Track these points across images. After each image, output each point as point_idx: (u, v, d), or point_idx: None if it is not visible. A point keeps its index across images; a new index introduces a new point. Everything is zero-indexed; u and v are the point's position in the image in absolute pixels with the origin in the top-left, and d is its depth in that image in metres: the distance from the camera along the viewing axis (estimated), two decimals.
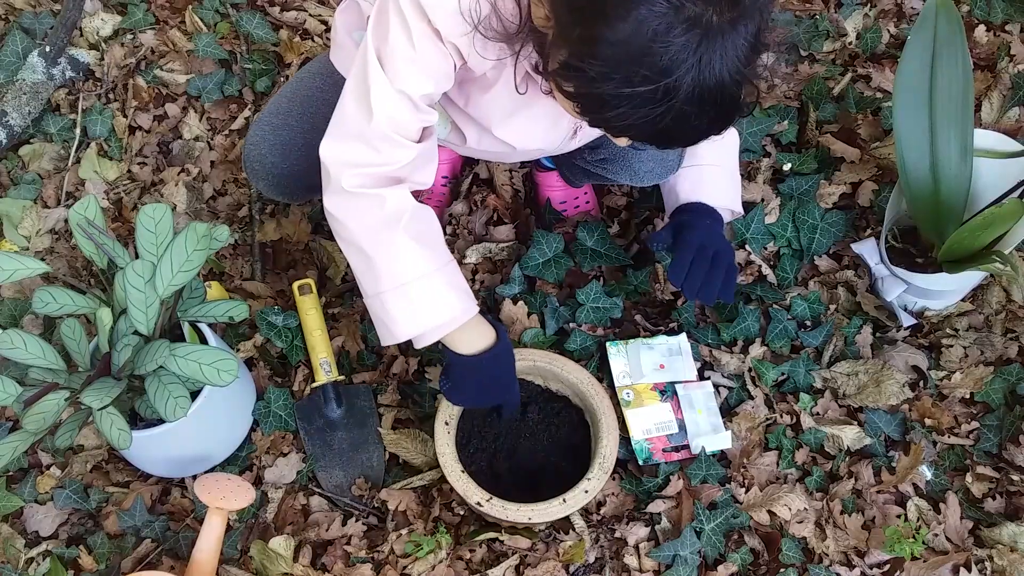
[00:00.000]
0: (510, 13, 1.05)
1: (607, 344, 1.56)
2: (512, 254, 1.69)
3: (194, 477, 1.48)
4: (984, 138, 1.52)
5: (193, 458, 1.44)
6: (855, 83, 1.89)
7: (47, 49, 1.80)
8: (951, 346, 1.58)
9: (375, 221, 1.16)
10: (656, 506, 1.45)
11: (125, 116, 1.84)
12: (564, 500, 1.32)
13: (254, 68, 1.88)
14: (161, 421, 1.34)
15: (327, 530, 1.45)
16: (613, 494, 1.49)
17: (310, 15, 1.97)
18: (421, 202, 1.64)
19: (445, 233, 1.72)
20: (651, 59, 0.89)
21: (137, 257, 1.25)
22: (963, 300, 1.62)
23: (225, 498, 1.32)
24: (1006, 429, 1.52)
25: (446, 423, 1.38)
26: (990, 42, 1.90)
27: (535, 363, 1.44)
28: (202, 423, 1.37)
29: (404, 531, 1.44)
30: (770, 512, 1.45)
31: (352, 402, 1.55)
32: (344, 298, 1.66)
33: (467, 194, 1.77)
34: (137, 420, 1.37)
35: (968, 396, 1.55)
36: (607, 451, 1.36)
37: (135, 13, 1.97)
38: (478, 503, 1.32)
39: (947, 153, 1.50)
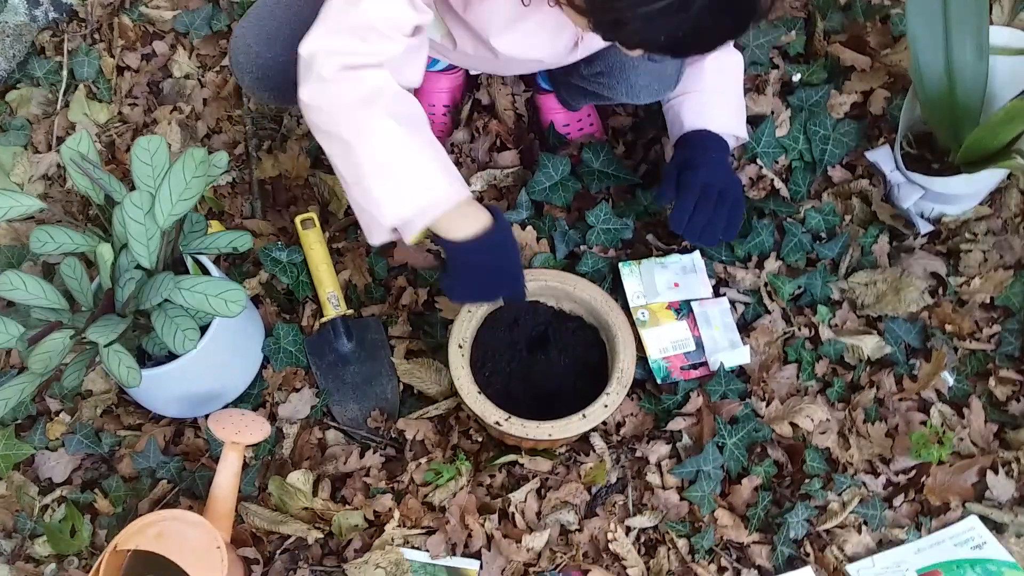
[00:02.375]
0: None
1: (619, 265, 1.53)
2: (518, 180, 1.65)
3: (207, 416, 1.45)
4: (998, 35, 1.47)
5: (205, 396, 1.42)
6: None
7: None
8: (970, 251, 1.55)
9: (354, 100, 1.08)
10: (676, 423, 1.43)
11: (112, 56, 1.79)
12: (584, 416, 1.30)
13: (243, 0, 1.82)
14: (170, 358, 1.31)
15: (345, 463, 1.43)
16: (632, 414, 1.47)
17: None
18: None
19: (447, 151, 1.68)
20: None
21: (134, 190, 1.22)
22: (981, 204, 1.58)
23: (240, 433, 1.30)
24: None
25: (459, 346, 1.35)
26: None
27: (546, 283, 1.40)
28: (212, 359, 1.34)
29: (423, 460, 1.42)
30: (792, 424, 1.43)
31: (363, 335, 1.52)
32: (348, 232, 1.62)
33: (468, 121, 1.73)
34: (145, 359, 1.34)
35: (988, 301, 1.53)
36: (625, 365, 1.34)
37: None
38: (497, 423, 1.29)
39: (962, 52, 1.45)
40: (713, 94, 1.45)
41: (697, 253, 1.55)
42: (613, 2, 0.95)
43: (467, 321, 1.37)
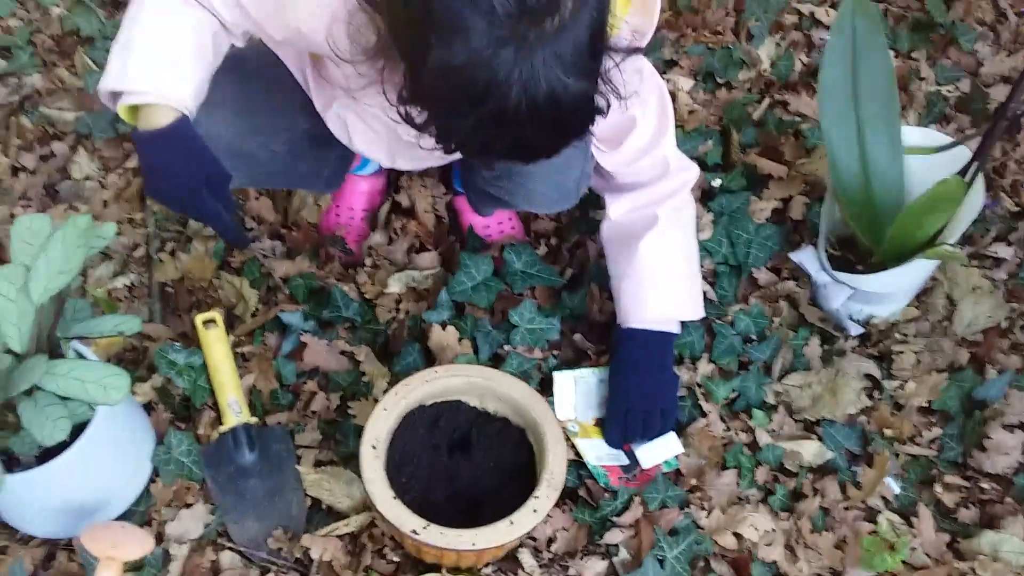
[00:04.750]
0: (365, 33, 1.01)
1: (554, 373, 1.45)
2: (438, 282, 1.57)
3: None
4: (911, 135, 1.50)
5: (81, 510, 1.24)
6: (773, 108, 1.88)
7: None
8: (901, 352, 1.51)
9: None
10: (613, 536, 1.31)
11: (7, 156, 1.68)
12: (511, 522, 1.17)
13: None
14: (41, 461, 1.15)
15: None
16: (564, 528, 1.34)
17: None
18: (340, 237, 1.53)
19: (364, 265, 1.60)
20: (471, 84, 0.86)
21: None
22: (909, 306, 1.56)
23: (116, 547, 1.13)
24: (968, 436, 1.44)
25: (373, 447, 1.22)
26: (899, 67, 1.92)
27: (469, 379, 1.31)
28: (89, 463, 1.18)
29: None
30: (736, 535, 1.33)
31: (266, 445, 1.38)
32: (255, 335, 1.50)
33: (386, 223, 1.66)
34: (13, 464, 1.17)
35: (926, 404, 1.48)
36: (555, 467, 1.23)
37: (20, 56, 1.84)
38: (413, 531, 1.16)
39: (877, 151, 1.47)
40: (650, 282, 1.40)
41: None
42: (432, 113, 0.95)
43: (382, 420, 1.25)
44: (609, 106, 0.99)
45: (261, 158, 1.33)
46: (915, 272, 1.46)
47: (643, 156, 1.32)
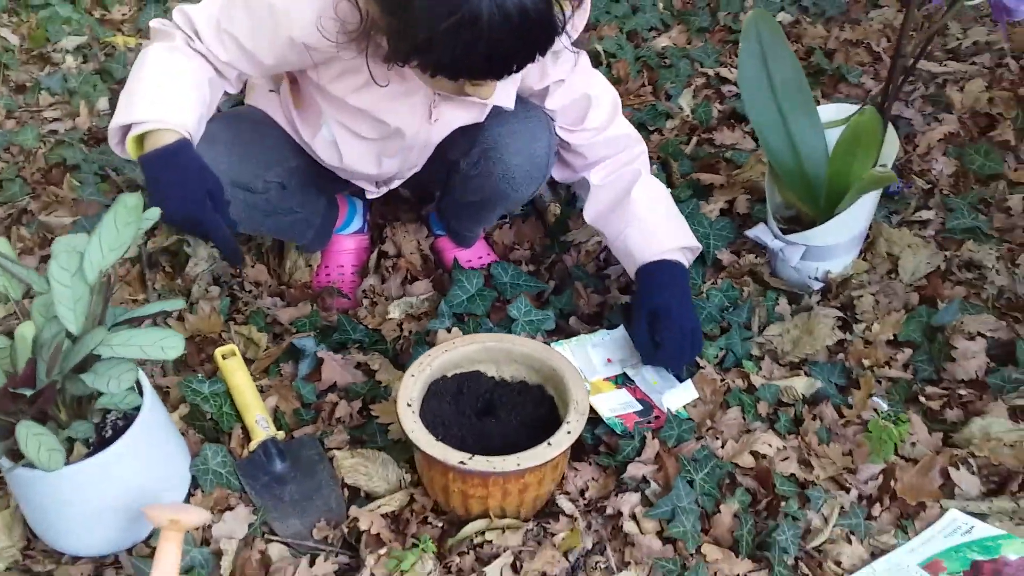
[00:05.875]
0: (350, 17, 1.22)
1: (552, 345, 1.55)
2: (433, 305, 1.69)
3: (130, 551, 1.29)
4: (826, 112, 1.73)
5: (127, 517, 1.26)
6: (701, 145, 2.12)
7: None
8: (860, 296, 1.67)
9: (157, 46, 1.33)
10: (637, 470, 1.38)
11: None
12: (549, 443, 1.25)
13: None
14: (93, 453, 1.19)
15: (294, 575, 1.28)
16: (593, 478, 1.41)
17: None
18: (335, 287, 1.68)
19: (362, 305, 1.72)
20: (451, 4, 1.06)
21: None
22: (858, 260, 1.74)
23: (178, 514, 1.16)
24: (936, 356, 1.58)
25: (408, 404, 1.30)
26: None
27: (484, 345, 1.41)
28: (137, 458, 1.23)
29: (382, 552, 1.29)
30: (752, 453, 1.41)
31: (297, 454, 1.43)
32: (269, 370, 1.58)
33: (376, 268, 1.79)
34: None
35: (892, 338, 1.62)
36: (578, 397, 1.32)
37: (11, 187, 1.98)
38: (461, 462, 1.22)
39: (800, 130, 1.68)
40: (653, 219, 1.53)
41: (621, 328, 1.60)
42: (416, 35, 1.11)
43: (411, 384, 1.33)
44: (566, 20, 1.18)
45: (256, 187, 1.47)
46: (855, 217, 1.64)
47: (607, 128, 1.51)
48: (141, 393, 1.26)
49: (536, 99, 1.51)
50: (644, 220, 1.52)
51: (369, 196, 1.66)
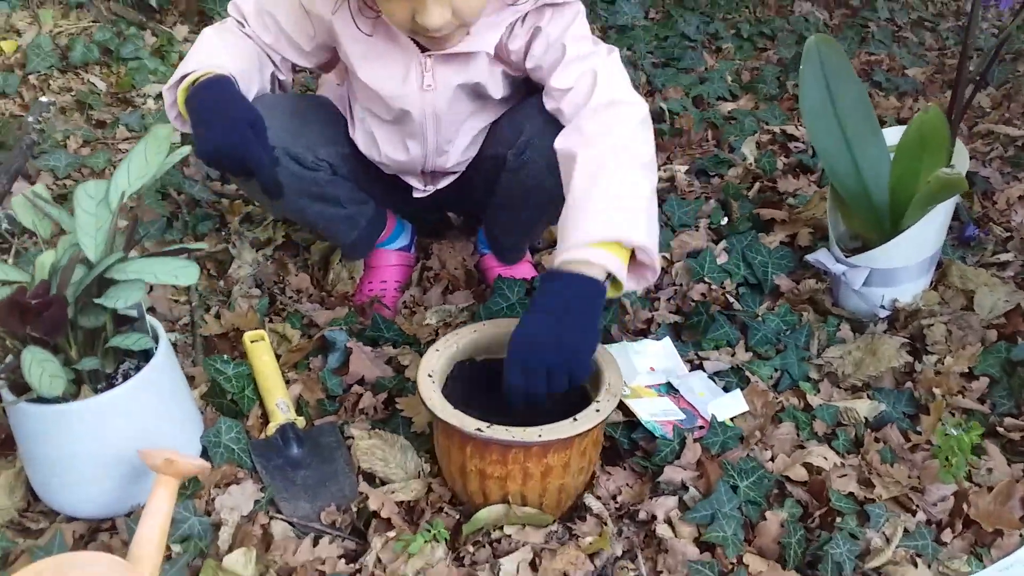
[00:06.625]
0: None
1: None
2: (472, 315, 1.63)
3: (128, 514, 1.21)
4: (892, 134, 1.66)
5: (130, 474, 1.19)
6: (763, 192, 2.05)
7: None
8: (931, 325, 1.55)
9: (210, 28, 1.42)
10: (675, 473, 1.26)
11: None
12: (575, 419, 1.15)
13: (196, 214, 1.91)
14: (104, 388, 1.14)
15: (294, 554, 1.18)
16: (628, 484, 1.29)
17: None
18: (376, 298, 1.66)
19: (398, 314, 1.67)
20: None
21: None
22: (929, 291, 1.62)
23: (173, 460, 1.08)
24: (1016, 391, 1.44)
25: (429, 375, 1.22)
26: None
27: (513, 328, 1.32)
28: (148, 406, 1.18)
29: (391, 535, 1.19)
30: (806, 466, 1.28)
31: (315, 441, 1.36)
32: (298, 366, 1.53)
33: (419, 281, 1.74)
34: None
35: (966, 371, 1.49)
36: (611, 378, 1.22)
37: None
38: (478, 429, 1.12)
39: (865, 154, 1.61)
40: (576, 203, 1.22)
41: (667, 340, 1.51)
42: None
43: (435, 358, 1.26)
44: None
45: (307, 160, 1.46)
46: (923, 237, 1.54)
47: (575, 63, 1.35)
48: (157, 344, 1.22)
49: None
50: (569, 207, 1.23)
51: (416, 195, 1.62)
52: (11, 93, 2.48)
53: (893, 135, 1.66)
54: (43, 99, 2.26)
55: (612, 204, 1.20)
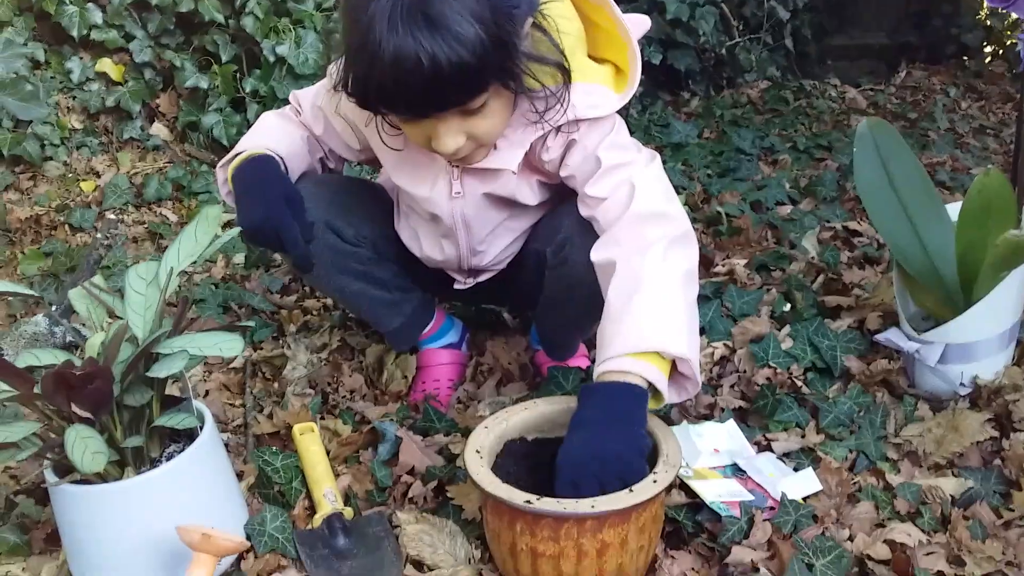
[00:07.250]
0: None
1: None
2: None
3: None
4: (954, 210, 1.60)
5: (166, 561, 1.15)
6: (826, 285, 1.99)
7: (53, 308, 1.86)
8: (1017, 401, 1.44)
9: (269, 112, 1.51)
10: (745, 553, 1.17)
11: None
12: (631, 490, 1.08)
13: (256, 323, 1.93)
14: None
15: None
16: (693, 568, 1.20)
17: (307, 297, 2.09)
18: (433, 397, 1.64)
19: (451, 408, 1.63)
20: (357, 29, 1.10)
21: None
22: (1013, 368, 1.52)
23: (211, 536, 1.04)
24: None
25: (477, 451, 1.17)
26: None
27: (568, 407, 1.27)
28: (185, 490, 1.15)
29: None
30: (888, 543, 1.17)
31: (362, 531, 1.30)
32: (348, 460, 1.49)
33: (473, 376, 1.71)
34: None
35: None
36: (670, 450, 1.15)
37: None
38: (527, 501, 1.06)
39: (929, 229, 1.56)
40: (612, 315, 1.21)
41: (731, 422, 1.43)
42: (348, 67, 1.16)
43: (483, 435, 1.22)
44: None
45: (347, 235, 1.47)
46: (1000, 305, 1.45)
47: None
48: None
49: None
50: (605, 322, 1.22)
51: (457, 287, 1.61)
52: (87, 227, 2.60)
53: (955, 210, 1.60)
54: (111, 215, 2.36)
55: (651, 316, 1.18)
